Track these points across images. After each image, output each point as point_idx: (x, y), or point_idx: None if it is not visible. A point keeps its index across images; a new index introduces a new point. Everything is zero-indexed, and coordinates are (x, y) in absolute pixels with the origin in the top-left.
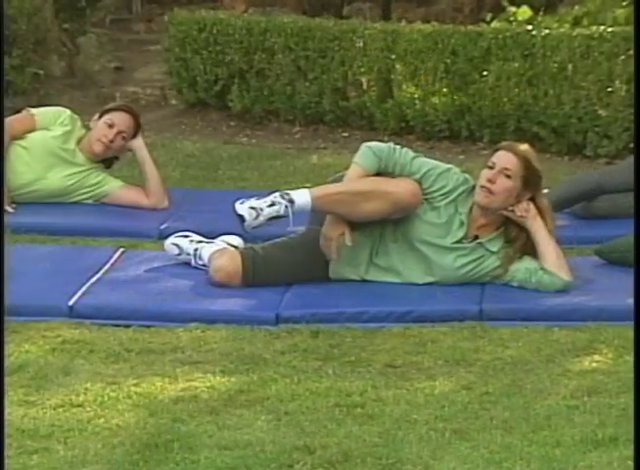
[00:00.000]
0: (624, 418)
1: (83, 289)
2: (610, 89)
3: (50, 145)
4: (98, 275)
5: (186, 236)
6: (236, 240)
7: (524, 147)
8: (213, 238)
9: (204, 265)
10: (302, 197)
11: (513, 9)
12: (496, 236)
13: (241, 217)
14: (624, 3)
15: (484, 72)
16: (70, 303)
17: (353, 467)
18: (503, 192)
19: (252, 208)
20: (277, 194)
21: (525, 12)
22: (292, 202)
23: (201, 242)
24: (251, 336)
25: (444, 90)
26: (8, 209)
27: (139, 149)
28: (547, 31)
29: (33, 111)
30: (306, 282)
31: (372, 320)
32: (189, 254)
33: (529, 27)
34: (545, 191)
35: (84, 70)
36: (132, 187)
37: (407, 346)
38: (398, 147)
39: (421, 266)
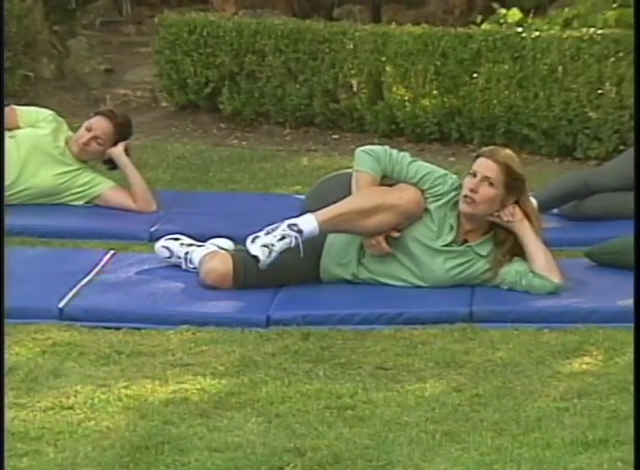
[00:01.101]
0: (614, 420)
1: (73, 291)
2: (600, 91)
3: (41, 143)
4: (88, 277)
5: (177, 239)
6: (226, 243)
7: (504, 152)
8: (204, 240)
9: (194, 268)
10: (309, 224)
11: (503, 11)
12: (485, 240)
13: (255, 258)
14: (614, 5)
15: (475, 75)
16: (61, 305)
17: (344, 469)
18: (486, 200)
19: (265, 245)
20: (285, 226)
21: (515, 14)
22: (300, 232)
23: (191, 245)
24: (241, 338)
25: (434, 92)
26: None
27: (119, 157)
28: (537, 33)
29: (14, 106)
30: (297, 284)
31: (363, 322)
32: (179, 257)
33: (519, 30)
34: (530, 194)
35: (74, 73)
36: (123, 189)
37: (398, 348)
38: (395, 151)
39: (411, 269)
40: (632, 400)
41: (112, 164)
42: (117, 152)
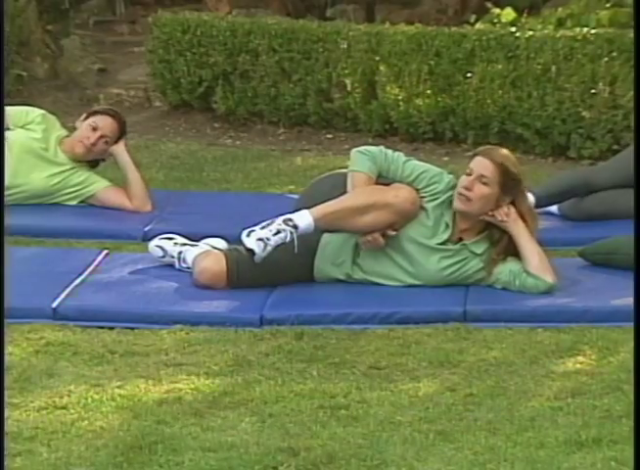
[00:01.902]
0: (608, 419)
1: (67, 291)
2: (593, 91)
3: (31, 146)
4: (82, 277)
5: (170, 238)
6: (220, 243)
7: (501, 152)
8: (197, 240)
9: (188, 268)
10: (305, 220)
11: (497, 10)
12: (481, 239)
13: (251, 251)
14: (608, 5)
15: (468, 74)
16: (54, 305)
17: (337, 469)
18: (480, 199)
19: (260, 239)
20: (280, 221)
21: (508, 13)
22: (296, 227)
23: (185, 245)
24: (235, 338)
25: (428, 92)
26: None
27: (120, 154)
28: (531, 33)
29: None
30: (291, 283)
31: (356, 322)
32: (173, 256)
33: (513, 29)
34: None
35: (68, 72)
36: (117, 188)
37: (391, 347)
38: (390, 151)
39: (406, 268)
40: (626, 400)
41: (94, 163)
42: (119, 149)
